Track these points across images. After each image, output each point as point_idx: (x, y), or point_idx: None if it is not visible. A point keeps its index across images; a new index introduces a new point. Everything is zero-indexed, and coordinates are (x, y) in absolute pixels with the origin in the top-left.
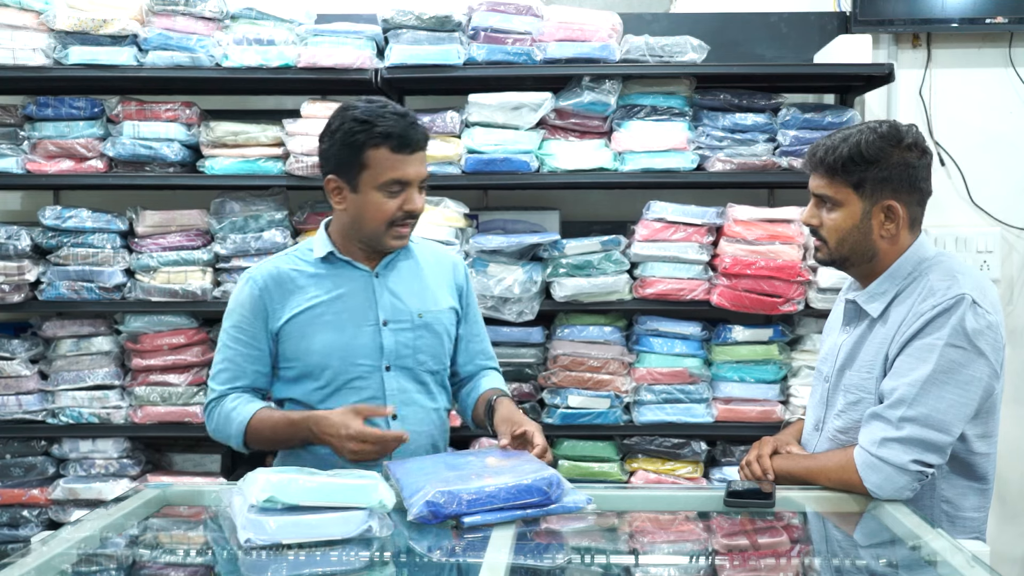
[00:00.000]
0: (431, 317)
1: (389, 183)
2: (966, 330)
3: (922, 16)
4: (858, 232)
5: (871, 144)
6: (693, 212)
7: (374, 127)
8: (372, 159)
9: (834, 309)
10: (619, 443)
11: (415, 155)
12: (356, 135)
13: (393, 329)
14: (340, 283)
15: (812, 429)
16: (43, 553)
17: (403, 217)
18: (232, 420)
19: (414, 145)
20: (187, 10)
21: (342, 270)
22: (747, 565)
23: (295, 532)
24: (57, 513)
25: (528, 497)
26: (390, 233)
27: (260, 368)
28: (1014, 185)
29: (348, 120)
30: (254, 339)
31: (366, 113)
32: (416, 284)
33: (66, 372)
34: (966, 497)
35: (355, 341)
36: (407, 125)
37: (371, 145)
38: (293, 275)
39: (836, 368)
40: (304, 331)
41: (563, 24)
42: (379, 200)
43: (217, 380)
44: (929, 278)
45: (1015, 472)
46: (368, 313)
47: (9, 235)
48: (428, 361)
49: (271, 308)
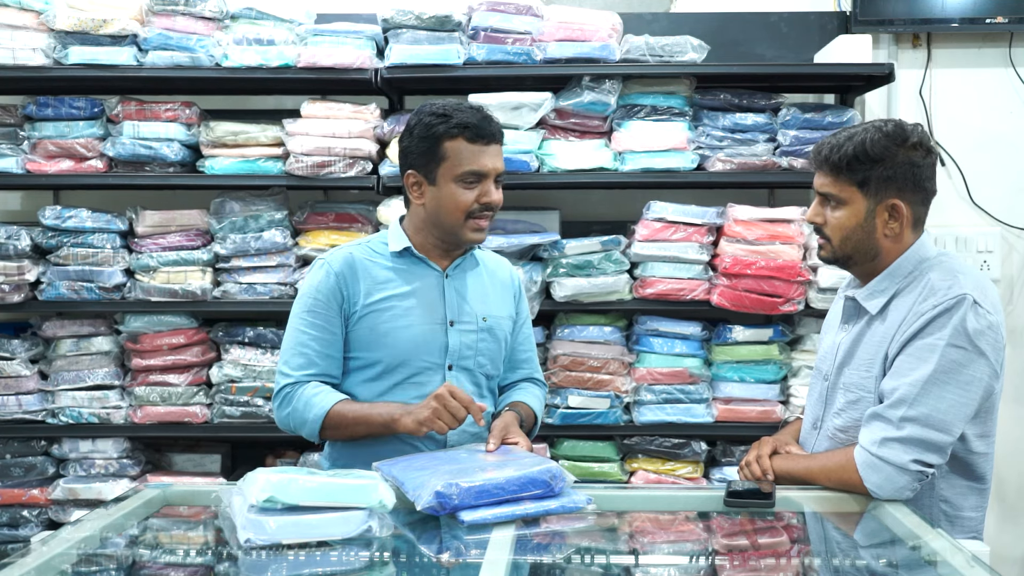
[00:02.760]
0: (493, 322)
1: (466, 175)
2: (967, 330)
3: (922, 16)
4: (862, 231)
5: (876, 143)
6: (693, 212)
7: (451, 119)
8: (450, 150)
9: (832, 307)
10: (619, 443)
11: (491, 147)
12: (434, 127)
13: (459, 330)
14: (412, 279)
15: (810, 427)
16: (43, 553)
17: (480, 209)
18: (312, 406)
19: (489, 136)
20: (187, 10)
21: (415, 267)
22: (747, 565)
23: (295, 532)
24: (57, 513)
25: (532, 488)
26: (468, 225)
27: (334, 354)
28: (1014, 185)
29: (425, 115)
30: (329, 323)
31: (443, 108)
32: (481, 289)
33: (66, 372)
34: (965, 497)
35: (423, 337)
36: (482, 118)
37: (448, 136)
38: (367, 265)
39: (835, 366)
40: (374, 322)
41: (563, 24)
42: (457, 192)
43: (289, 365)
44: (930, 277)
45: (1015, 472)
46: (437, 311)
47: (9, 235)
48: (487, 364)
49: (346, 294)
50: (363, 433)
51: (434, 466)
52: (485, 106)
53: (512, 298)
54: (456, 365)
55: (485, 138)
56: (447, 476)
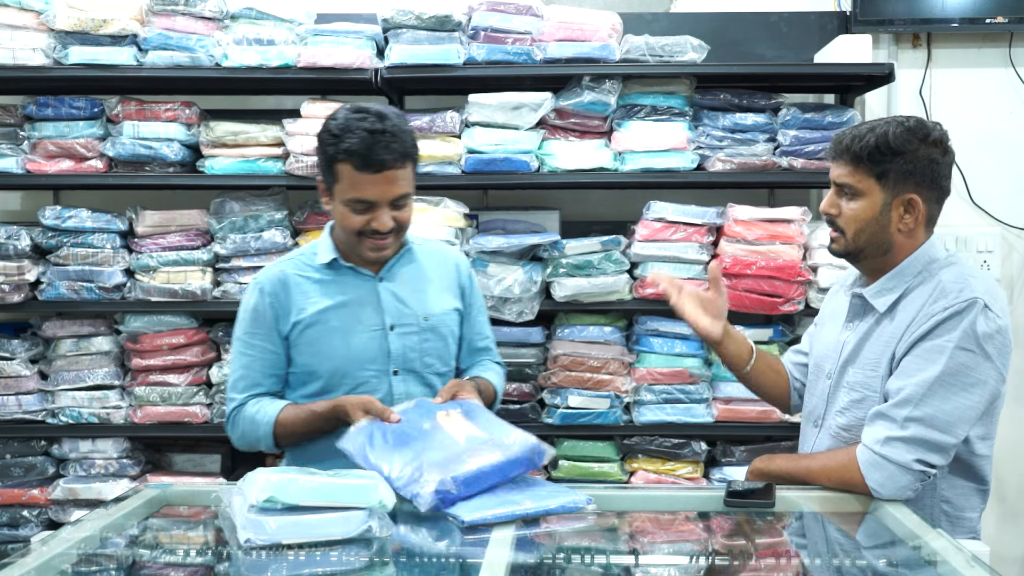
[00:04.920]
0: (436, 320)
1: (352, 201)
2: (977, 333)
3: (922, 16)
4: (876, 224)
5: (898, 136)
6: (693, 212)
7: (341, 142)
8: (340, 173)
9: (825, 305)
10: (619, 443)
11: (381, 175)
12: (327, 147)
13: (400, 333)
14: (345, 289)
15: (811, 425)
16: (43, 553)
17: (371, 232)
18: (259, 423)
19: (379, 165)
20: (187, 10)
21: (345, 275)
22: (747, 565)
23: (295, 532)
24: (57, 513)
25: (518, 468)
26: (364, 245)
27: (277, 372)
28: (1014, 185)
29: (324, 130)
30: (269, 342)
31: (340, 125)
32: (420, 287)
33: (66, 372)
34: (967, 498)
35: (363, 346)
36: (374, 143)
37: (338, 160)
38: (299, 280)
39: (839, 364)
40: (313, 337)
41: (563, 24)
42: (347, 214)
43: (236, 389)
44: (941, 279)
45: (1015, 472)
46: (374, 318)
47: (9, 235)
48: (435, 364)
49: (280, 313)
50: (316, 428)
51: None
52: (486, 105)
53: (457, 288)
54: (402, 370)
55: (373, 167)
56: (436, 469)
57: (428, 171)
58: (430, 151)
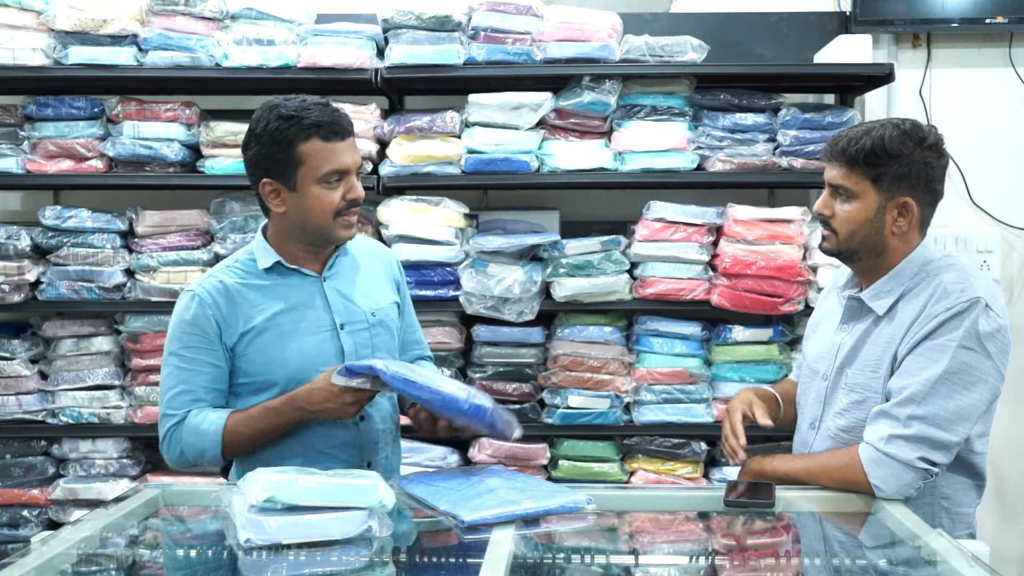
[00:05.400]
0: (383, 314)
1: (328, 174)
2: (979, 333)
3: (922, 16)
4: (870, 226)
5: (894, 139)
6: (693, 212)
7: (302, 120)
8: (306, 153)
9: (819, 306)
10: (619, 443)
11: (346, 141)
12: (285, 132)
13: (350, 331)
14: (290, 292)
15: (807, 427)
16: (43, 553)
17: (348, 206)
18: (204, 432)
19: (344, 132)
20: (187, 10)
21: (289, 278)
22: (747, 565)
23: (295, 532)
24: (57, 513)
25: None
26: (338, 223)
27: (219, 387)
28: (1014, 185)
29: (273, 119)
30: (210, 356)
31: (289, 109)
32: (362, 283)
33: (66, 372)
34: (965, 493)
35: (316, 348)
36: (332, 112)
37: (302, 139)
38: (241, 288)
39: (836, 366)
40: (262, 345)
41: (563, 24)
42: (321, 194)
43: (173, 405)
44: (941, 279)
45: (1015, 472)
46: (324, 318)
47: (9, 235)
48: (386, 357)
49: (223, 324)
50: (271, 426)
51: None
52: (486, 105)
53: (392, 282)
54: None
55: (340, 134)
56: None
57: (428, 171)
58: (430, 151)
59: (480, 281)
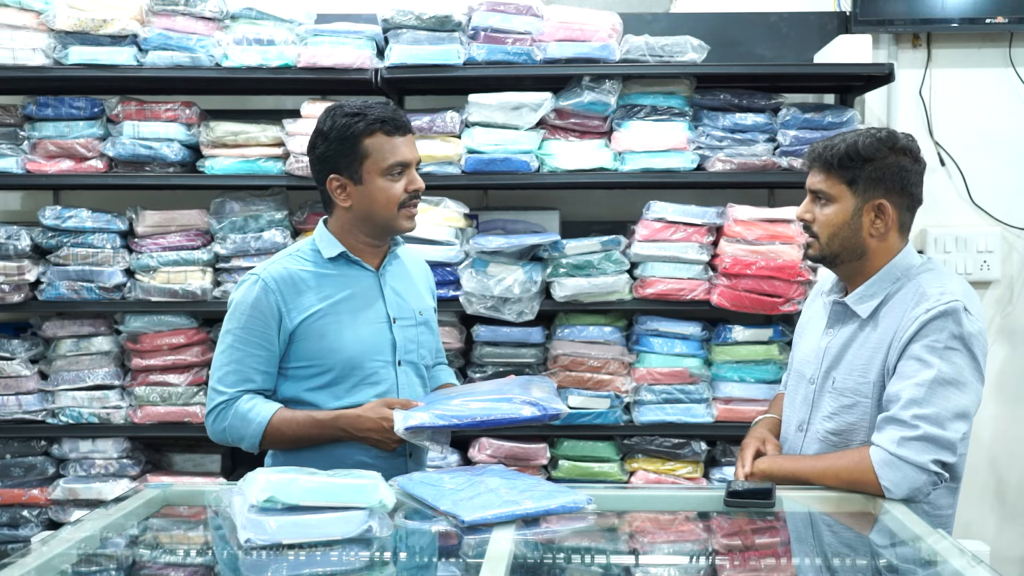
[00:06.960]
0: (428, 314)
1: (392, 167)
2: (963, 334)
3: (922, 16)
4: (848, 228)
5: (867, 144)
6: (693, 212)
7: (366, 116)
8: (371, 147)
9: (806, 311)
10: (619, 443)
11: (407, 137)
12: (351, 127)
13: (401, 326)
14: (349, 283)
15: (795, 430)
16: (43, 553)
17: (410, 198)
18: (250, 420)
19: (404, 127)
20: (187, 10)
21: (349, 270)
22: (747, 565)
23: (295, 532)
24: (57, 513)
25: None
26: (402, 215)
27: (269, 370)
28: (1014, 185)
29: (339, 117)
30: (265, 340)
31: (354, 108)
32: (410, 284)
33: (66, 372)
34: (943, 496)
35: (372, 339)
36: (394, 110)
37: (367, 133)
38: (303, 275)
39: (822, 370)
40: (322, 331)
41: (563, 24)
42: (385, 185)
43: (224, 383)
44: (919, 283)
45: (1015, 472)
46: (380, 311)
47: (9, 235)
48: (427, 356)
49: (284, 308)
50: (311, 436)
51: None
52: (486, 105)
53: (430, 289)
54: (404, 360)
55: (401, 129)
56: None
57: (428, 171)
58: (430, 151)
59: (480, 281)
